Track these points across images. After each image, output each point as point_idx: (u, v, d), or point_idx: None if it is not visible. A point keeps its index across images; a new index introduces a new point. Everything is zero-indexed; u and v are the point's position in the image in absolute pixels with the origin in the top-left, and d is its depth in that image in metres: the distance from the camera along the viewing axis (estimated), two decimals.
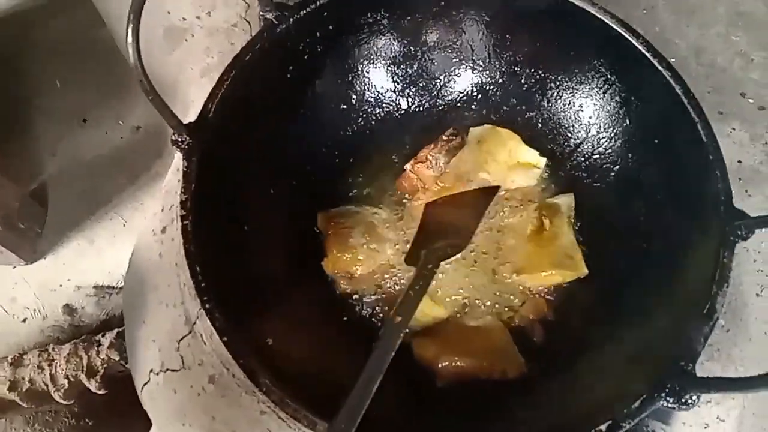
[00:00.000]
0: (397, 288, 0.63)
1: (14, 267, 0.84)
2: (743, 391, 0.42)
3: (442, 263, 0.58)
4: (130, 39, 0.49)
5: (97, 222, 0.87)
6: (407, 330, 0.51)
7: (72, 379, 0.73)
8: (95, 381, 0.73)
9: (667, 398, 0.44)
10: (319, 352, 0.58)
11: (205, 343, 0.56)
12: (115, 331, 0.75)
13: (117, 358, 0.73)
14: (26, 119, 0.97)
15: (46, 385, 0.73)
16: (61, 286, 0.84)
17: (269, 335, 0.51)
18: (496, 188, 0.66)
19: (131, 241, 0.72)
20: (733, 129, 0.81)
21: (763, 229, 0.77)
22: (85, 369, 0.73)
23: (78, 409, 0.78)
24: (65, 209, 0.88)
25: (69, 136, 0.95)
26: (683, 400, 0.44)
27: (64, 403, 0.74)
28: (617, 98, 0.63)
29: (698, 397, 0.44)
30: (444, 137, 0.69)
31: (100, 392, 0.74)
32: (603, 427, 0.44)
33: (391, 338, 0.48)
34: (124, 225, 0.86)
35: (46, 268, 0.85)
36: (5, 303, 0.83)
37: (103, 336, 0.75)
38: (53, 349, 0.75)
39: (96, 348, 0.74)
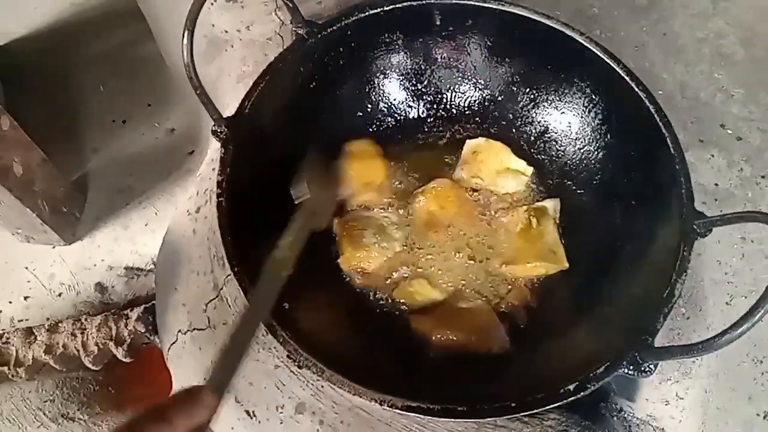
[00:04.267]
0: (402, 279, 0.69)
1: (54, 247, 0.92)
2: (692, 355, 0.48)
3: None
4: (185, 41, 0.59)
5: (132, 210, 0.95)
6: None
7: (101, 347, 0.80)
8: (122, 349, 0.80)
9: (628, 366, 0.50)
10: (329, 325, 0.64)
11: (230, 306, 0.63)
12: (143, 306, 0.82)
13: (143, 330, 0.80)
14: (73, 120, 1.06)
15: (78, 351, 0.80)
16: (95, 265, 0.91)
17: (286, 302, 0.57)
18: None
19: (162, 228, 0.79)
20: (712, 156, 0.87)
21: (736, 246, 0.85)
22: (113, 338, 0.80)
23: (103, 377, 0.85)
24: (103, 198, 0.97)
25: (110, 135, 1.04)
26: (642, 368, 0.51)
27: (93, 368, 0.81)
28: (600, 116, 0.70)
29: (655, 366, 0.51)
30: None
31: (126, 360, 0.80)
32: (571, 387, 0.51)
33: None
34: (156, 214, 0.94)
35: (83, 249, 0.93)
36: (44, 278, 0.91)
37: (131, 310, 0.82)
38: (86, 319, 0.82)
39: (125, 320, 0.81)
